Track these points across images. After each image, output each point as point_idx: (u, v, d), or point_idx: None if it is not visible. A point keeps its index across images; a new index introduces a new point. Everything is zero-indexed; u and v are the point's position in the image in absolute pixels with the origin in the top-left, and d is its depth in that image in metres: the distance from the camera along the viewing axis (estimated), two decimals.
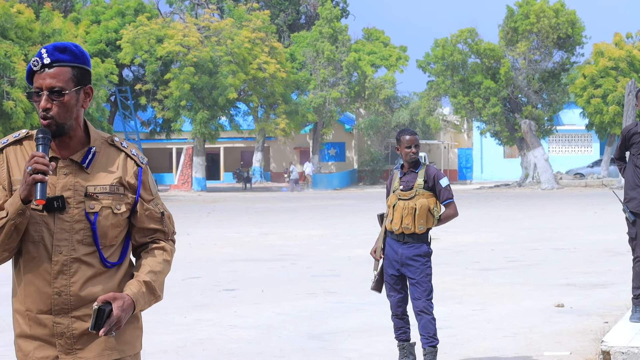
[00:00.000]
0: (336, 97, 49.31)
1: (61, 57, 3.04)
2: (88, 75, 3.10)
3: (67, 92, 3.03)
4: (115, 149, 3.16)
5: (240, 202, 36.83)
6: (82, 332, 3.05)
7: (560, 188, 43.81)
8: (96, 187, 3.07)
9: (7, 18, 33.68)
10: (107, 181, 3.10)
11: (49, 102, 3.02)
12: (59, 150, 3.09)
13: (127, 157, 3.16)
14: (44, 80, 3.02)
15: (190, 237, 19.49)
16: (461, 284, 11.81)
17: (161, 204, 3.27)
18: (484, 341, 8.12)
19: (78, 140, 3.10)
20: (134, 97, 49.54)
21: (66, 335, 3.04)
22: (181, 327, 9.00)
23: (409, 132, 7.02)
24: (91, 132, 3.14)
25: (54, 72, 3.03)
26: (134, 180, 3.15)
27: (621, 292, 10.42)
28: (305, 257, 15.29)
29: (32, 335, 3.07)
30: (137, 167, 3.17)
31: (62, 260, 3.03)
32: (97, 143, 3.13)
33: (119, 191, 3.11)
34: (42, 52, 3.05)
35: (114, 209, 3.08)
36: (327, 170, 57.68)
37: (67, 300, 3.03)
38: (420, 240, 6.92)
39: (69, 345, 3.05)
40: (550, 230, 19.85)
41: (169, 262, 3.21)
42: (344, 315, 9.55)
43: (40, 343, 3.06)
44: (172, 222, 3.31)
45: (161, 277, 3.17)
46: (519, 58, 46.60)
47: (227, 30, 46.38)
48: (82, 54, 3.08)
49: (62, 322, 3.04)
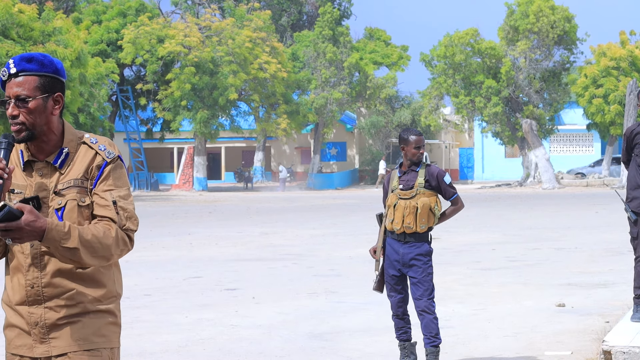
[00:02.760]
0: (338, 98, 49.31)
1: (27, 66, 3.17)
2: (57, 84, 3.22)
3: (32, 99, 3.15)
4: (86, 147, 3.26)
5: (242, 201, 36.83)
6: (55, 322, 3.17)
7: (561, 188, 43.80)
8: (64, 184, 3.20)
9: (8, 17, 33.69)
10: (74, 176, 3.21)
11: (15, 109, 3.16)
12: (37, 154, 3.23)
13: (96, 153, 3.24)
14: (11, 89, 3.17)
15: (192, 236, 19.50)
16: (462, 283, 11.81)
17: (121, 197, 3.21)
18: (485, 341, 8.12)
19: (53, 144, 3.23)
20: (135, 96, 49.56)
21: (39, 325, 3.18)
22: (182, 326, 9.01)
23: (415, 133, 7.00)
24: (66, 134, 3.26)
25: (20, 81, 3.16)
26: (95, 173, 3.22)
27: (622, 292, 10.42)
28: (307, 257, 15.29)
29: (14, 324, 3.23)
30: (102, 160, 3.23)
31: (33, 254, 3.17)
32: (72, 144, 3.25)
33: (83, 185, 3.20)
34: (9, 63, 3.19)
35: (78, 201, 3.18)
36: (328, 170, 57.69)
37: (39, 292, 3.17)
38: (421, 240, 6.92)
39: (42, 335, 3.18)
40: (551, 230, 19.84)
41: (110, 237, 3.11)
42: (345, 315, 9.55)
43: (19, 331, 3.22)
44: (131, 219, 3.22)
45: (91, 236, 3.06)
46: (519, 57, 46.59)
47: (228, 30, 46.37)
48: (50, 63, 3.20)
49: (35, 312, 3.18)
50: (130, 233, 3.22)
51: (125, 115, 50.47)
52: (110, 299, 3.27)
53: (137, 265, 14.05)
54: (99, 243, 3.10)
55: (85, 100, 36.85)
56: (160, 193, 46.41)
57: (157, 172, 56.48)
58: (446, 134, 59.40)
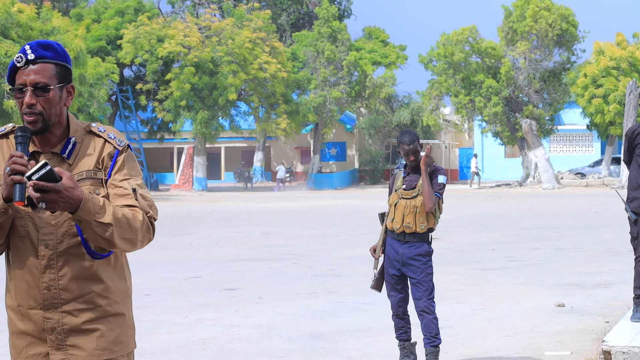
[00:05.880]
0: (337, 97, 49.30)
1: (45, 53, 3.00)
2: (69, 74, 3.08)
3: (52, 88, 2.99)
4: (93, 136, 3.12)
5: (242, 201, 36.83)
6: (73, 328, 3.01)
7: (561, 188, 43.79)
8: (75, 175, 3.03)
9: (7, 17, 33.69)
10: (86, 167, 3.06)
11: (33, 98, 2.98)
12: (41, 146, 3.07)
13: (105, 141, 3.10)
14: (27, 77, 2.98)
15: (192, 236, 19.50)
16: (462, 283, 11.80)
17: (139, 186, 3.10)
18: (485, 341, 8.12)
19: (59, 135, 3.08)
20: (134, 96, 49.55)
21: (57, 331, 3.01)
22: (182, 326, 9.00)
23: (407, 141, 6.84)
24: (71, 124, 3.11)
25: (38, 68, 2.99)
26: (108, 162, 3.08)
27: (622, 292, 10.42)
28: (306, 257, 15.29)
29: (24, 331, 3.05)
30: (114, 149, 3.09)
31: (49, 254, 3.00)
32: (78, 134, 3.10)
33: (97, 176, 3.06)
34: (25, 49, 3.00)
35: (92, 193, 3.00)
36: (328, 170, 57.68)
37: (56, 295, 3.00)
38: (421, 240, 6.91)
39: (59, 341, 3.01)
40: (551, 230, 19.84)
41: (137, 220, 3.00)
42: (345, 315, 9.55)
43: (32, 339, 3.04)
44: (153, 207, 3.11)
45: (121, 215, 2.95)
46: (519, 57, 46.59)
47: (227, 30, 46.37)
48: (63, 52, 3.06)
49: (52, 317, 3.01)
50: (152, 221, 3.09)
51: (125, 115, 50.46)
52: (125, 299, 3.16)
53: (137, 265, 14.04)
54: (128, 225, 2.97)
55: (85, 100, 36.84)
56: (160, 193, 46.38)
57: (157, 172, 56.47)
58: (446, 134, 59.38)
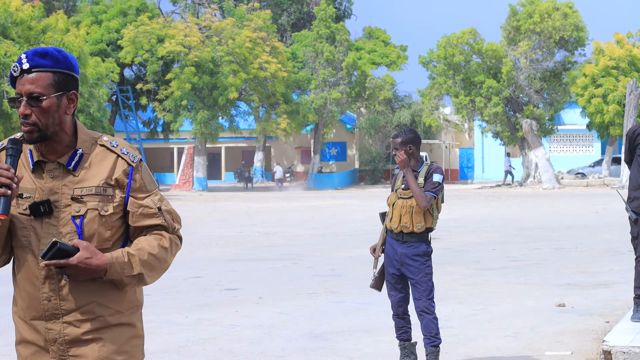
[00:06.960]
0: (337, 98, 49.30)
1: (41, 62, 2.96)
2: (72, 81, 3.01)
3: (46, 98, 2.94)
4: (105, 150, 3.05)
5: (242, 201, 36.83)
6: (74, 338, 2.98)
7: (561, 188, 43.79)
8: (82, 189, 2.98)
9: (7, 16, 33.68)
10: (94, 182, 3.00)
11: (27, 108, 2.94)
12: (48, 155, 3.02)
13: (117, 157, 3.04)
14: (23, 86, 2.95)
15: (192, 236, 19.49)
16: (462, 283, 11.80)
17: (160, 200, 3.09)
18: (486, 341, 8.12)
19: (66, 144, 3.02)
20: (135, 96, 49.55)
21: (58, 342, 2.98)
22: (182, 326, 9.00)
23: (394, 135, 6.99)
24: (80, 134, 3.05)
25: (33, 78, 2.94)
26: (124, 180, 3.03)
27: (622, 292, 10.42)
28: (307, 257, 15.29)
29: (30, 340, 3.03)
30: (128, 166, 3.04)
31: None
32: (86, 145, 3.04)
33: (106, 192, 3.00)
34: (21, 58, 2.96)
35: (100, 210, 2.98)
36: (328, 170, 57.69)
37: (57, 306, 2.97)
38: (419, 240, 6.90)
39: (62, 352, 2.99)
40: (551, 230, 19.84)
41: (165, 249, 3.04)
42: (346, 315, 9.55)
43: (37, 349, 3.02)
44: (176, 218, 3.13)
45: (148, 256, 2.98)
46: (520, 57, 46.57)
47: (228, 30, 46.36)
48: (65, 58, 2.99)
49: (53, 328, 2.98)
50: (179, 233, 3.12)
51: (125, 115, 50.46)
52: (131, 309, 3.09)
53: None
54: (156, 260, 3.00)
55: (85, 100, 36.84)
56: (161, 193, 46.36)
57: (157, 172, 56.48)
58: (446, 134, 59.37)
